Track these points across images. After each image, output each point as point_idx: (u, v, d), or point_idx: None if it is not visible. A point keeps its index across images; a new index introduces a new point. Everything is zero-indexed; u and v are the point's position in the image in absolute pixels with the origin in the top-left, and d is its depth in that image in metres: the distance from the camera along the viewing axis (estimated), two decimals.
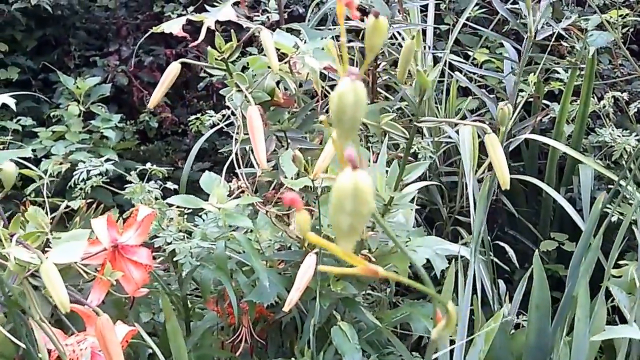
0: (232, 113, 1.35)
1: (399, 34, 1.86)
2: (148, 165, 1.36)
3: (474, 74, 2.15)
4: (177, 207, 1.25)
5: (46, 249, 0.96)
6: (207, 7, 1.30)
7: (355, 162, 0.39)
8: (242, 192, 1.19)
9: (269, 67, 1.23)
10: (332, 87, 1.96)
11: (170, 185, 1.53)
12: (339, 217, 0.40)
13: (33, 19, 2.70)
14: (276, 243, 1.34)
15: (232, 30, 1.15)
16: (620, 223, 1.48)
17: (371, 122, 1.41)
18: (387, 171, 1.22)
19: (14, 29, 2.67)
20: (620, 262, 1.52)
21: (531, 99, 2.09)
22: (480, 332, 1.08)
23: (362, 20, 1.68)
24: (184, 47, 2.60)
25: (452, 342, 1.23)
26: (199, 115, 1.86)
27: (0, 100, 1.54)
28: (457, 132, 1.85)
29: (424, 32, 2.07)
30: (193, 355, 1.22)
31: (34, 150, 2.28)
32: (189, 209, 1.23)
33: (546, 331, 1.30)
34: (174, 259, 1.16)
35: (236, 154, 1.30)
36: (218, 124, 1.72)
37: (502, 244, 1.85)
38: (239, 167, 1.20)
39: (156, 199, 1.23)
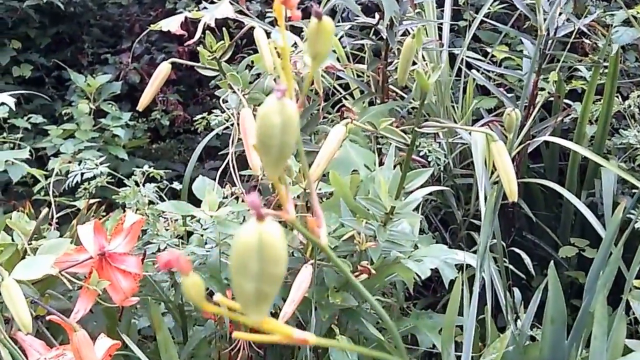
0: (232, 114, 1.30)
1: (412, 29, 1.80)
2: (146, 167, 1.31)
3: (492, 72, 2.08)
4: None
5: (27, 255, 0.92)
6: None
7: (259, 209, 0.32)
8: (237, 198, 1.14)
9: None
10: (341, 85, 1.91)
11: (176, 185, 1.48)
12: (241, 282, 0.32)
13: (46, 17, 2.68)
14: None
15: (224, 29, 1.10)
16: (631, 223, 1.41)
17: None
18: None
19: (28, 26, 2.65)
20: None
21: (552, 99, 2.01)
22: (486, 353, 1.01)
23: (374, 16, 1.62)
24: (198, 44, 2.56)
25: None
26: (204, 114, 1.81)
27: (0, 99, 1.50)
28: (470, 133, 1.78)
29: (440, 28, 2.00)
30: None
31: (44, 149, 2.26)
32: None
33: (561, 346, 1.23)
34: None
35: (236, 156, 1.25)
36: (224, 122, 1.67)
37: (518, 251, 1.77)
38: (234, 171, 1.15)
39: (151, 203, 1.18)
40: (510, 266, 1.70)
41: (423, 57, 1.50)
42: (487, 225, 1.05)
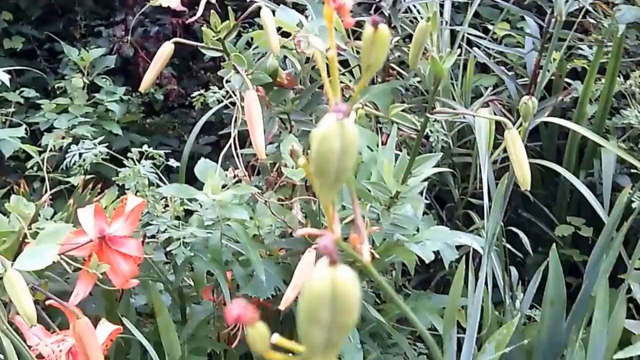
0: (234, 92, 1.28)
1: (414, 6, 1.77)
2: (145, 147, 1.29)
3: (492, 49, 2.05)
4: None
5: (26, 240, 0.90)
6: None
7: (332, 253, 0.29)
8: (239, 180, 1.12)
9: None
10: (341, 62, 1.88)
11: (172, 162, 1.46)
12: (312, 331, 0.31)
13: None
14: (277, 229, 1.27)
15: (229, 7, 1.07)
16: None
17: (381, 105, 1.33)
18: (396, 157, 1.14)
19: None
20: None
21: (552, 77, 1.99)
22: (491, 338, 1.01)
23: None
24: (192, 16, 2.52)
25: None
26: (202, 91, 1.78)
27: None
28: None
29: (442, 4, 1.97)
30: (187, 347, 1.17)
31: (36, 123, 2.23)
32: None
33: (560, 328, 1.24)
34: (167, 249, 1.10)
35: (236, 135, 1.23)
36: (222, 100, 1.64)
37: (515, 230, 1.77)
38: (236, 150, 1.13)
39: (150, 184, 1.17)
40: (508, 245, 1.70)
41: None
42: (496, 212, 1.04)
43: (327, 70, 0.34)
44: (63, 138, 2.03)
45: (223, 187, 1.05)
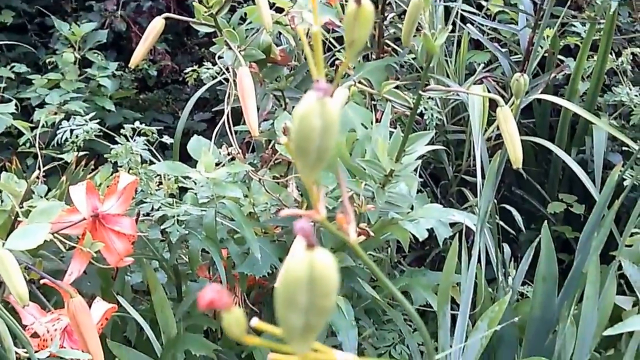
0: (227, 69, 1.27)
1: None
2: (138, 123, 1.28)
3: (486, 26, 2.05)
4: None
5: (19, 219, 0.90)
6: None
7: (310, 236, 0.29)
8: (234, 158, 1.12)
9: None
10: (336, 39, 1.87)
11: (166, 139, 1.46)
12: (288, 315, 0.30)
13: None
14: (272, 207, 1.28)
15: None
16: (633, 187, 1.41)
17: (375, 82, 1.33)
18: (391, 134, 1.14)
19: None
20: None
21: (545, 54, 1.99)
22: (484, 316, 1.02)
23: None
24: None
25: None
26: (196, 67, 1.77)
27: None
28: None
29: None
30: (183, 325, 1.17)
31: (28, 99, 2.21)
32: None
33: (552, 304, 1.25)
34: (162, 227, 1.10)
35: (230, 111, 1.22)
36: (216, 76, 1.64)
37: (508, 207, 1.78)
38: (230, 127, 1.13)
39: (144, 162, 1.16)
40: (501, 222, 1.71)
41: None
42: (488, 190, 1.04)
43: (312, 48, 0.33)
44: (55, 114, 2.02)
45: (217, 164, 1.05)
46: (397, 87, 1.20)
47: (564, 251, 1.96)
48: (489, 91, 1.87)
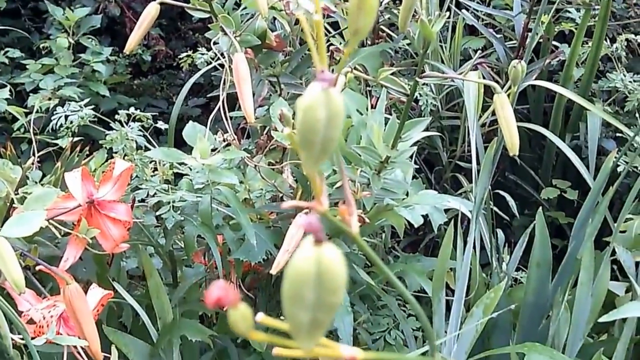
0: (222, 54, 1.26)
1: None
2: (132, 109, 1.28)
3: (482, 11, 2.04)
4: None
5: (14, 206, 0.90)
6: None
7: (318, 232, 0.29)
8: (229, 144, 1.12)
9: None
10: (331, 24, 1.86)
11: (161, 124, 1.45)
12: (295, 311, 0.30)
13: None
14: (268, 193, 1.28)
15: None
16: (627, 174, 1.41)
17: (370, 68, 1.33)
18: (386, 120, 1.14)
19: None
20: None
21: (540, 40, 1.99)
22: (479, 302, 1.02)
23: None
24: None
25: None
26: (190, 52, 1.77)
27: None
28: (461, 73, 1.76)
29: None
30: (178, 310, 1.18)
31: (22, 84, 2.20)
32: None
33: (546, 289, 1.26)
34: (157, 213, 1.10)
35: (226, 98, 1.22)
36: (210, 62, 1.63)
37: (502, 193, 1.78)
38: (225, 113, 1.12)
39: (139, 148, 1.16)
40: (495, 208, 1.71)
41: None
42: (484, 177, 1.04)
43: (318, 47, 0.33)
44: (49, 99, 2.01)
45: (212, 150, 1.05)
46: (392, 74, 1.20)
47: (557, 237, 1.97)
48: (483, 77, 1.87)
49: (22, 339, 0.77)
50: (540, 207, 1.32)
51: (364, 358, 0.33)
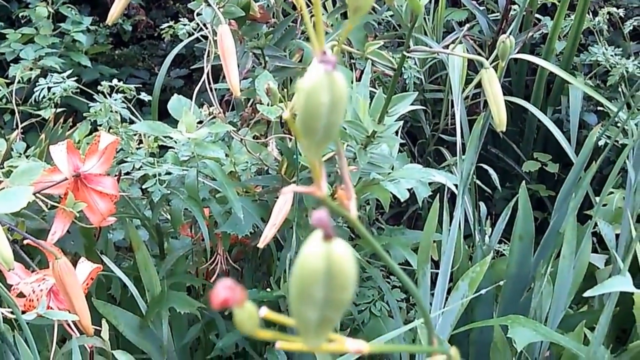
0: (205, 25, 1.25)
1: None
2: (115, 81, 1.27)
3: None
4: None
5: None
6: None
7: (328, 227, 0.27)
8: (214, 117, 1.11)
9: None
10: None
11: (144, 96, 1.44)
12: (304, 309, 0.29)
13: None
14: (253, 166, 1.28)
15: None
16: (607, 147, 1.43)
17: (354, 40, 1.32)
18: (371, 94, 1.14)
19: None
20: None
21: (523, 13, 1.99)
22: (464, 276, 1.04)
23: None
24: None
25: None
26: (171, 23, 1.75)
27: None
28: (446, 47, 1.77)
29: None
30: (166, 282, 1.18)
31: (2, 54, 2.17)
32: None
33: (528, 262, 1.28)
34: (144, 187, 1.10)
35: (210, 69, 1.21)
36: (193, 33, 1.61)
37: (485, 166, 1.80)
38: (211, 89, 1.12)
39: (123, 120, 1.15)
40: (477, 181, 1.73)
41: None
42: (471, 152, 1.05)
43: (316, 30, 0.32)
44: (31, 69, 1.99)
45: (198, 124, 1.05)
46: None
47: (538, 209, 2.00)
48: (467, 51, 1.87)
49: (12, 313, 0.77)
50: (524, 182, 1.33)
51: (370, 350, 0.33)
